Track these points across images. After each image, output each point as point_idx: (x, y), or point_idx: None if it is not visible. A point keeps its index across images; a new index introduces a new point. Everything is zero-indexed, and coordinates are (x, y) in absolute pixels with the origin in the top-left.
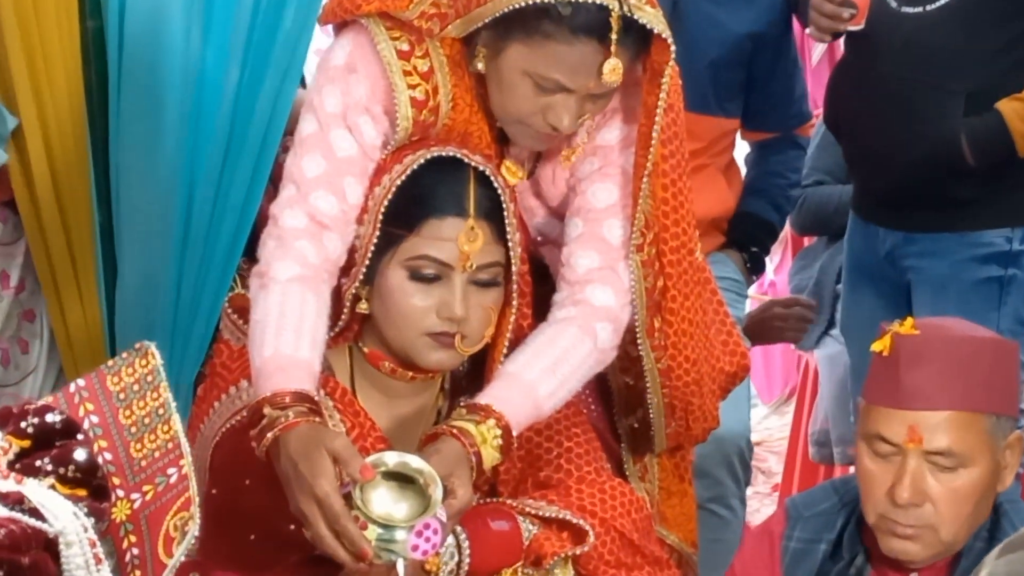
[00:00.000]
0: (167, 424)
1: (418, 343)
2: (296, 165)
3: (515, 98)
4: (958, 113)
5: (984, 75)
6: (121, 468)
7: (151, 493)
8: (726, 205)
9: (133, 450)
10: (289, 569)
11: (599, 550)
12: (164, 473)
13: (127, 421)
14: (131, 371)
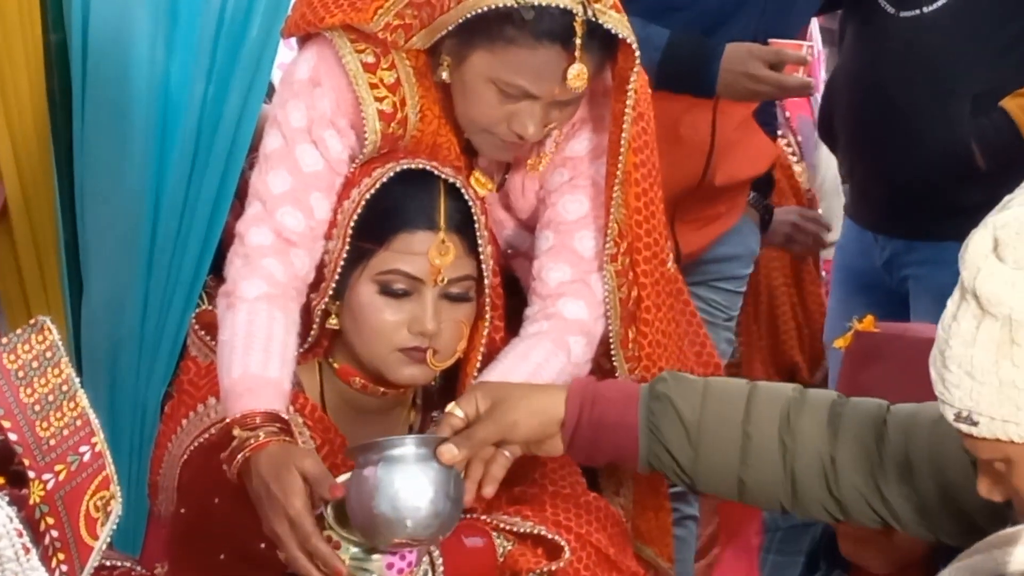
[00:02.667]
0: (73, 401)
1: (389, 359)
2: (262, 181)
3: (480, 106)
4: (965, 116)
5: (988, 76)
6: (28, 448)
7: (64, 473)
8: (773, 152)
9: (39, 429)
10: None
11: (575, 565)
12: (76, 452)
13: (29, 399)
14: (28, 348)
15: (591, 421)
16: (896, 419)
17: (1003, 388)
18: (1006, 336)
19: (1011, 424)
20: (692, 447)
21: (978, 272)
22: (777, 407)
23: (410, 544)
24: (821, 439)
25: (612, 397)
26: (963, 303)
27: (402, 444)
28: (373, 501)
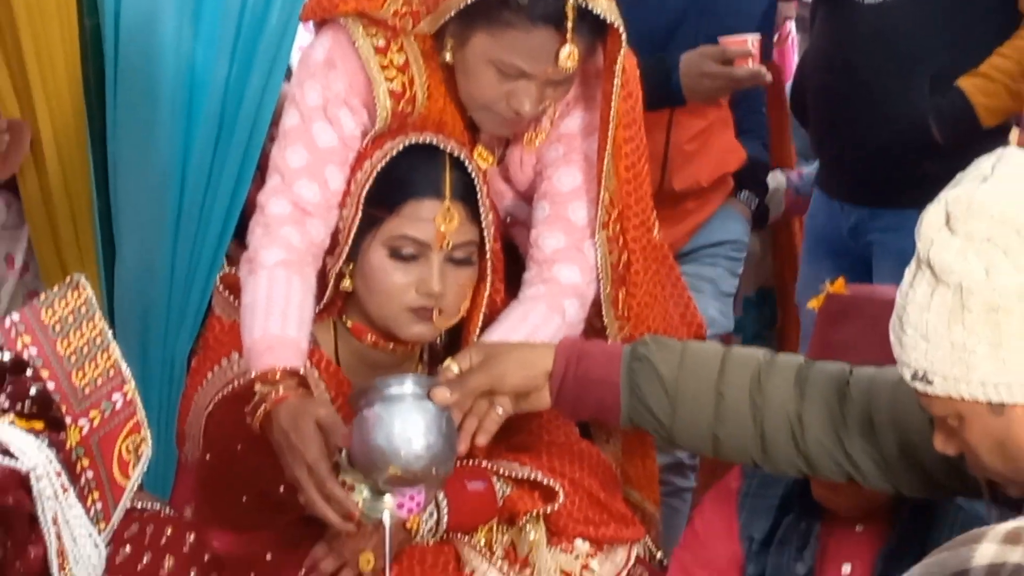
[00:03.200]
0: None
1: (399, 317)
2: (280, 156)
3: (480, 85)
4: (924, 95)
5: (946, 58)
6: (65, 396)
7: (98, 419)
8: (739, 156)
9: (75, 378)
10: (280, 530)
11: (568, 508)
12: (109, 399)
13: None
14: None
15: (576, 376)
16: (858, 381)
17: (955, 350)
18: (957, 303)
19: (962, 383)
20: (670, 405)
21: (932, 244)
22: (749, 369)
23: (406, 478)
24: (789, 399)
25: (597, 355)
26: (919, 272)
27: (399, 384)
28: (371, 435)
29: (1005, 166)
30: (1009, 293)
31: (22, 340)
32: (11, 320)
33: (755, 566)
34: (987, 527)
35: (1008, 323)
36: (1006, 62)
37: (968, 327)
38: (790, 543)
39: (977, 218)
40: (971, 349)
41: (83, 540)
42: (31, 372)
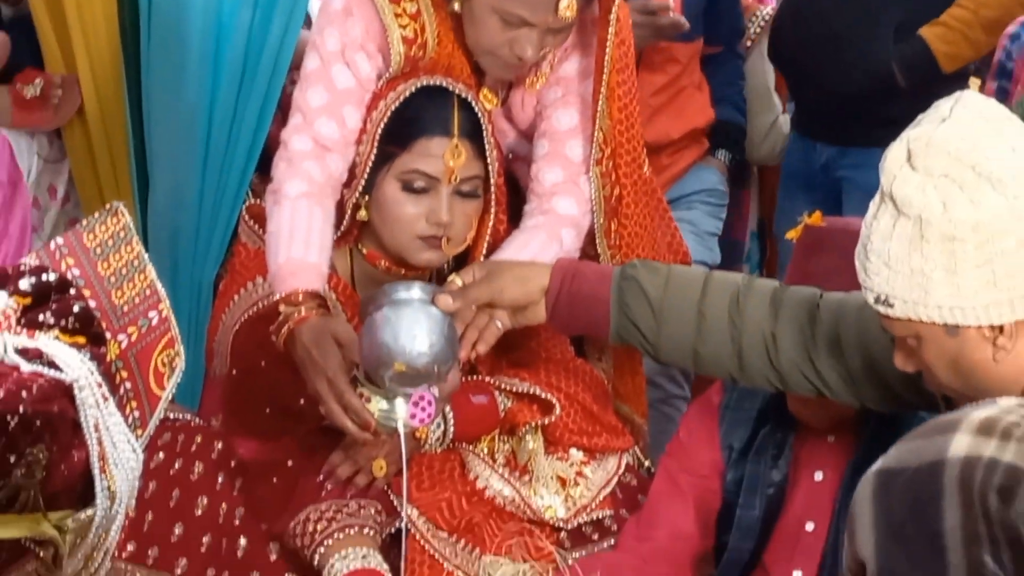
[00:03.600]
0: (143, 274)
1: (411, 245)
2: (302, 96)
3: (486, 32)
4: (888, 42)
5: (909, 8)
6: (105, 313)
7: (136, 334)
8: (708, 114)
9: (115, 297)
10: (301, 438)
11: (564, 420)
12: (145, 316)
13: (106, 272)
14: (104, 228)
15: (570, 293)
16: (827, 304)
17: (913, 276)
18: (917, 233)
19: (920, 306)
20: (656, 322)
21: (894, 179)
22: (728, 291)
23: (410, 374)
24: (764, 319)
25: (589, 274)
26: (882, 205)
27: (406, 289)
28: (379, 334)
29: (962, 108)
30: (964, 225)
31: (66, 262)
32: (56, 244)
33: (734, 473)
34: (960, 414)
35: (963, 252)
36: (964, 12)
37: (926, 255)
38: (766, 452)
39: (935, 156)
40: (928, 275)
41: (122, 445)
42: (74, 291)
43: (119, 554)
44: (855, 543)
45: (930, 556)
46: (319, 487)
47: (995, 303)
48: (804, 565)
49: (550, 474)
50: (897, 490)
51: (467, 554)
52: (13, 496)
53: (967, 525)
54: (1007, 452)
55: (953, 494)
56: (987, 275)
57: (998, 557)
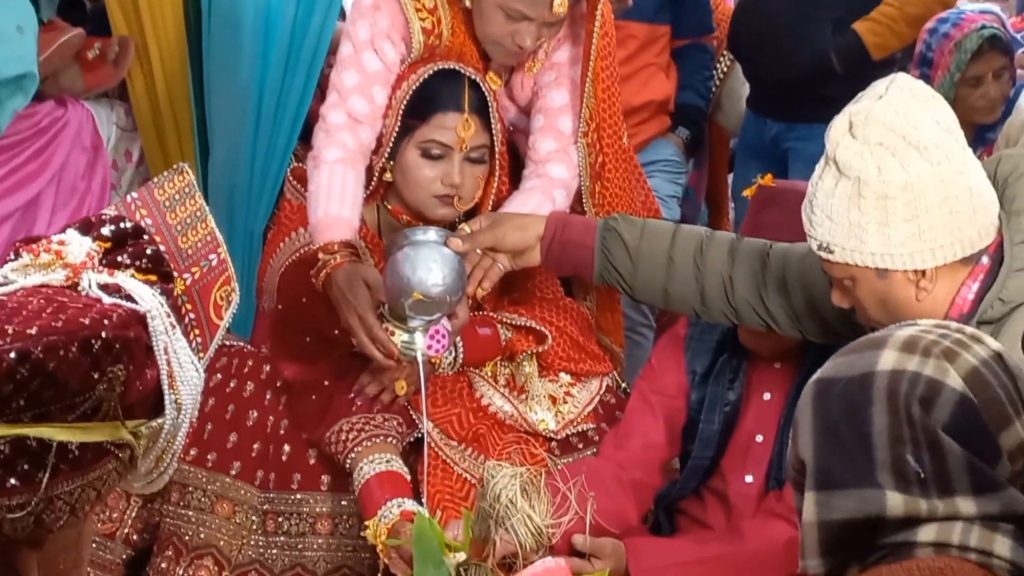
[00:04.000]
0: (204, 223)
1: (427, 202)
2: (338, 78)
3: (492, 25)
4: (827, 35)
5: (845, 6)
6: (173, 256)
7: (198, 273)
8: (666, 92)
9: (180, 242)
10: (335, 362)
11: (555, 349)
12: (206, 258)
13: (173, 221)
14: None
15: (561, 240)
16: (776, 253)
17: (851, 227)
18: (855, 191)
19: (856, 253)
20: (632, 265)
21: (837, 146)
22: (693, 241)
23: (426, 303)
24: (723, 265)
25: (577, 225)
26: (826, 167)
27: (424, 232)
28: (401, 268)
29: (896, 88)
30: (895, 185)
31: (140, 213)
32: (131, 198)
33: (696, 393)
34: (887, 332)
35: (893, 208)
36: (891, 9)
37: (863, 210)
38: (724, 377)
39: (873, 127)
40: (864, 227)
41: (187, 365)
42: (147, 237)
43: (184, 458)
44: (797, 445)
45: (860, 453)
46: (351, 403)
47: (919, 251)
48: (754, 470)
49: (543, 393)
50: (833, 397)
51: (473, 459)
52: (96, 407)
53: (893, 428)
54: (927, 367)
55: (881, 401)
56: (913, 228)
57: (919, 456)
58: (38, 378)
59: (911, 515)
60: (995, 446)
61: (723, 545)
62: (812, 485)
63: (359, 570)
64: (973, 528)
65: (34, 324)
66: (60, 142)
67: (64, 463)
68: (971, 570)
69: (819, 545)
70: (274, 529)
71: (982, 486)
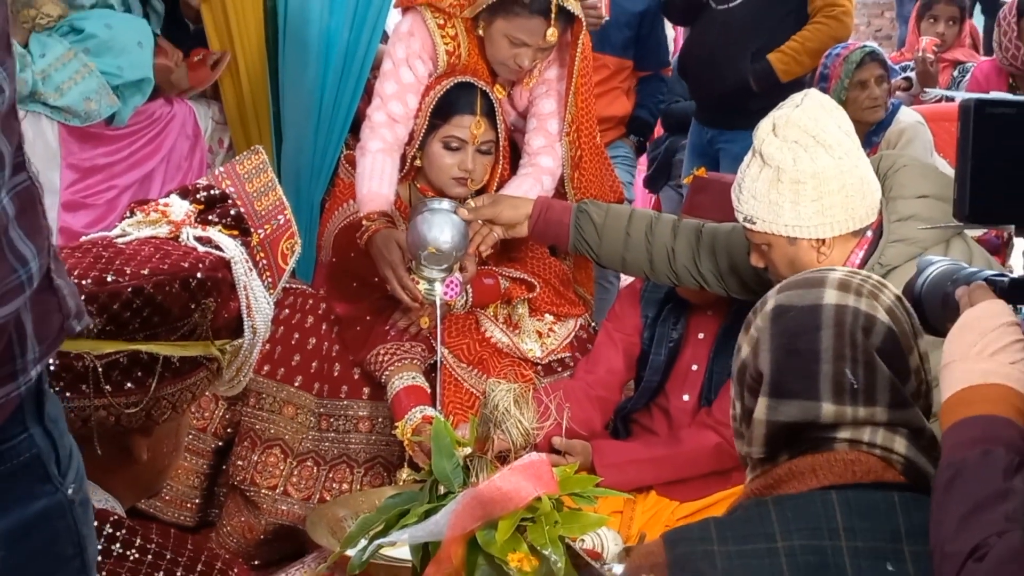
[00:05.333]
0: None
1: (448, 183)
2: (380, 86)
3: (498, 49)
4: (747, 62)
5: (761, 41)
6: (251, 216)
7: (270, 229)
8: (625, 110)
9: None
10: (374, 302)
11: (541, 295)
12: (275, 218)
13: (251, 189)
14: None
15: (545, 218)
16: (707, 230)
17: (770, 205)
18: (775, 177)
19: (773, 224)
20: (598, 238)
21: (763, 141)
22: (645, 221)
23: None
24: (667, 239)
25: (557, 207)
26: (753, 158)
27: (439, 203)
28: (421, 227)
29: (809, 99)
30: (806, 174)
31: (225, 183)
32: (219, 171)
33: (648, 332)
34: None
35: (803, 191)
36: (796, 44)
37: (780, 192)
38: (669, 320)
39: (791, 128)
40: (780, 205)
41: (261, 299)
42: (231, 201)
43: (259, 371)
44: (757, 359)
45: (809, 366)
46: (386, 333)
47: (821, 225)
48: (690, 391)
49: (532, 329)
50: (788, 319)
51: (478, 377)
52: (192, 330)
53: (837, 348)
54: (862, 303)
55: (829, 327)
56: (818, 207)
57: (855, 372)
58: (149, 307)
59: (838, 421)
60: (908, 368)
61: (666, 448)
62: (766, 392)
63: (390, 459)
64: (879, 430)
65: (146, 266)
66: (168, 131)
67: (168, 372)
68: (875, 463)
69: (764, 438)
70: (327, 427)
71: (897, 402)
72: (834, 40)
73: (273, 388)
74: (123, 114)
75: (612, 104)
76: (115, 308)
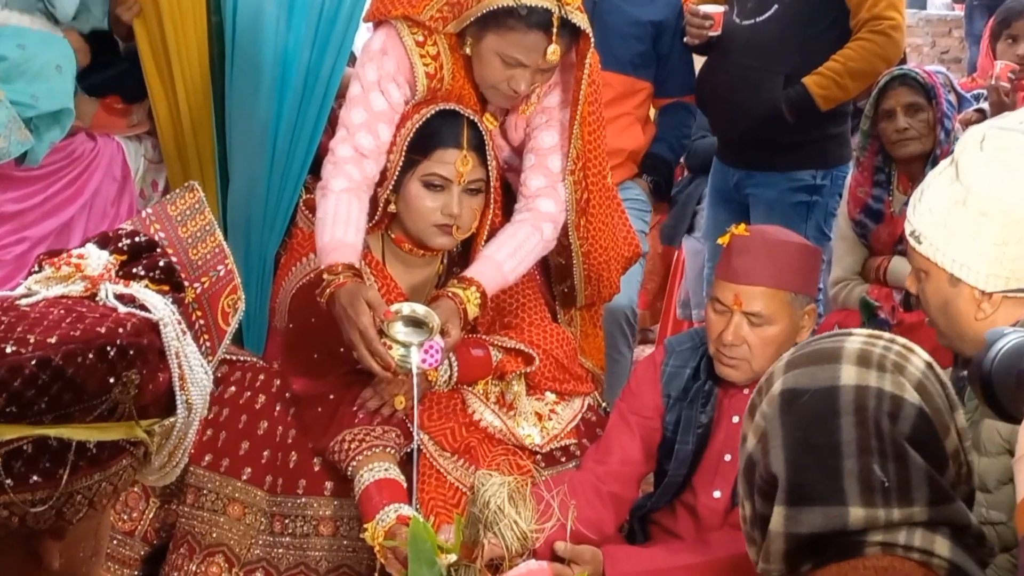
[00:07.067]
0: (212, 236)
1: (427, 231)
2: (347, 115)
3: (489, 70)
4: (779, 89)
5: (795, 62)
6: (184, 267)
7: (207, 282)
8: (638, 143)
9: (191, 254)
10: (339, 377)
11: (541, 370)
12: (215, 269)
13: (184, 234)
14: (183, 201)
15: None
16: None
17: (946, 228)
18: (962, 197)
19: (940, 252)
20: None
21: (964, 151)
22: None
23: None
24: None
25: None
26: (948, 167)
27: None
28: None
29: None
30: (998, 207)
31: (154, 227)
32: (146, 213)
33: (671, 415)
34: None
35: (987, 227)
36: (837, 65)
37: (961, 217)
38: (697, 401)
39: (1002, 147)
40: (956, 232)
41: (197, 368)
42: (160, 250)
43: (199, 463)
44: (768, 459)
45: (830, 463)
46: (353, 415)
47: (994, 275)
48: (722, 487)
49: (530, 410)
50: (800, 408)
51: (465, 469)
52: (112, 408)
53: (861, 439)
54: (886, 382)
55: (849, 414)
56: (999, 252)
57: (884, 466)
58: (58, 383)
59: (869, 526)
60: (944, 454)
61: (692, 554)
62: (782, 499)
63: (358, 569)
64: (916, 530)
65: (54, 333)
66: (92, 172)
67: (83, 460)
68: (912, 568)
69: (784, 553)
70: (280, 530)
71: (938, 498)
72: (882, 60)
73: (216, 482)
74: (37, 152)
75: (620, 135)
76: (16, 385)
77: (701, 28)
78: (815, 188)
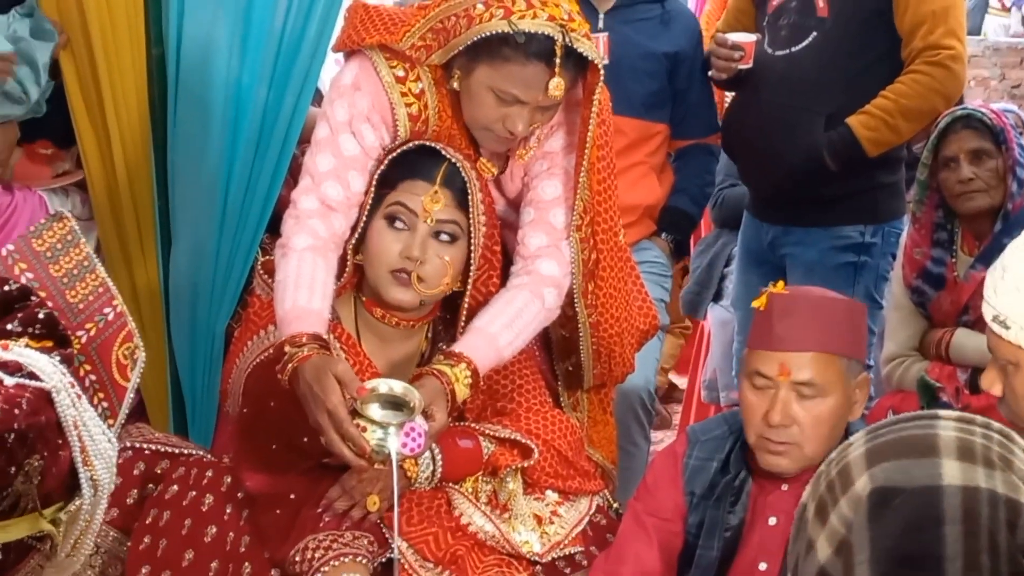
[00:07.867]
0: (93, 273)
1: (382, 279)
2: (312, 161)
3: (481, 108)
4: (819, 131)
5: (839, 99)
6: (63, 312)
7: (94, 329)
8: (655, 196)
9: (69, 296)
10: (303, 473)
11: (541, 464)
12: (101, 312)
13: (58, 273)
14: (52, 233)
15: None
16: None
17: None
18: None
19: None
20: None
21: None
22: None
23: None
24: None
25: None
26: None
27: None
28: None
29: None
30: None
31: (19, 267)
32: (7, 250)
33: (695, 516)
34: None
35: None
36: (887, 102)
37: None
38: (725, 498)
39: None
40: None
41: (99, 437)
42: (35, 299)
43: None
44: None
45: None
46: (318, 518)
47: None
48: None
49: (528, 512)
50: (894, 512)
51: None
52: (15, 503)
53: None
54: (997, 482)
55: (956, 522)
56: None
57: None
58: None
59: None
60: None
61: None
62: None
63: None
64: None
65: None
66: (10, 230)
67: None
68: None
69: None
70: None
71: None
72: (940, 96)
73: None
74: None
75: (634, 188)
76: None
77: (730, 60)
78: (863, 247)
